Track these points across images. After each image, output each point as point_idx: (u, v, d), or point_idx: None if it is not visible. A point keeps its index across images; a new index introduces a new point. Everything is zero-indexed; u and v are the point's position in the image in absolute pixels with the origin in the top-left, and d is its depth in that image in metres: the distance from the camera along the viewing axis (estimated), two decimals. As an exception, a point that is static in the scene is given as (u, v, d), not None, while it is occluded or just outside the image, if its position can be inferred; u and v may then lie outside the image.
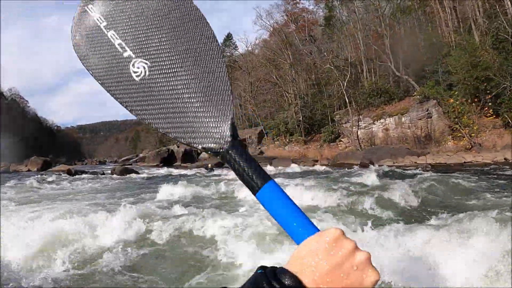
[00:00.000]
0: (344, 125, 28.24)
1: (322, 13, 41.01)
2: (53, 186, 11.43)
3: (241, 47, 46.92)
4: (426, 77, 27.22)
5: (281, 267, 0.44)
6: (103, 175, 17.19)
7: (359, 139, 26.83)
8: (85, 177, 15.57)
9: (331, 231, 0.44)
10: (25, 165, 21.45)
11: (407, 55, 28.71)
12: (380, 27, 28.08)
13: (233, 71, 45.15)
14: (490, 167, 13.41)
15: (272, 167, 18.72)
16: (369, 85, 27.45)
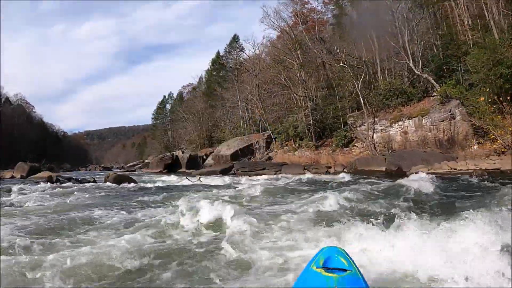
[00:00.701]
0: (358, 128, 26.34)
1: (330, 15, 39.67)
2: (12, 198, 9.73)
3: (247, 48, 45.32)
4: (445, 76, 25.57)
5: None
6: (91, 183, 15.55)
7: (375, 143, 24.93)
8: (66, 185, 13.95)
9: None
10: (12, 171, 20.03)
11: (425, 52, 27.12)
12: (394, 23, 26.21)
13: (240, 73, 43.69)
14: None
15: (285, 174, 16.93)
16: (385, 85, 25.57)
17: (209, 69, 54.71)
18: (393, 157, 18.98)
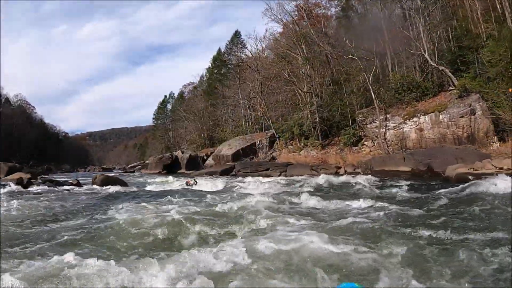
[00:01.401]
0: (368, 126, 24.52)
1: (334, 11, 37.97)
2: None
3: (249, 44, 43.53)
4: (461, 69, 23.81)
5: None
6: (72, 186, 13.77)
7: (387, 141, 23.10)
8: (35, 189, 12.15)
9: None
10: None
11: (439, 44, 25.36)
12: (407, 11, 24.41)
13: (241, 70, 42.03)
14: None
15: (294, 176, 15.00)
16: (397, 78, 23.72)
17: (210, 66, 53.06)
18: (421, 155, 16.62)
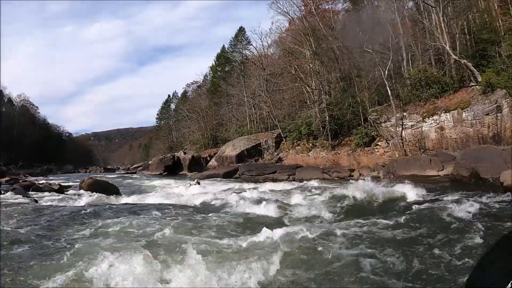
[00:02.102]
0: (382, 124, 22.72)
1: (342, 6, 36.18)
2: None
3: (254, 40, 41.87)
4: (482, 64, 21.95)
5: None
6: (54, 192, 12.15)
7: (403, 141, 21.31)
8: None
9: None
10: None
11: (459, 37, 23.53)
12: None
13: (246, 68, 40.42)
14: None
15: (309, 182, 13.07)
16: (414, 73, 21.90)
17: (214, 64, 51.44)
18: (464, 157, 14.01)
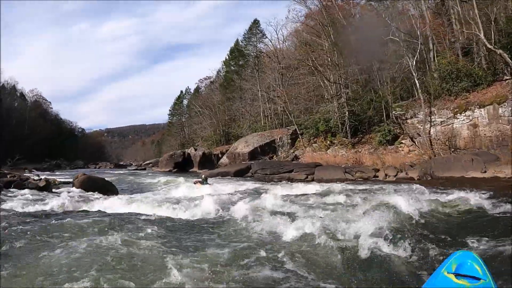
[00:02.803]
0: (408, 121, 21.02)
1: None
2: None
3: (269, 32, 40.27)
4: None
5: None
6: (37, 191, 10.97)
7: (431, 140, 19.58)
8: None
9: None
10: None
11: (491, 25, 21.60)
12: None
13: (260, 61, 38.99)
14: None
15: (333, 184, 11.35)
16: (445, 65, 20.11)
17: (227, 58, 50.10)
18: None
